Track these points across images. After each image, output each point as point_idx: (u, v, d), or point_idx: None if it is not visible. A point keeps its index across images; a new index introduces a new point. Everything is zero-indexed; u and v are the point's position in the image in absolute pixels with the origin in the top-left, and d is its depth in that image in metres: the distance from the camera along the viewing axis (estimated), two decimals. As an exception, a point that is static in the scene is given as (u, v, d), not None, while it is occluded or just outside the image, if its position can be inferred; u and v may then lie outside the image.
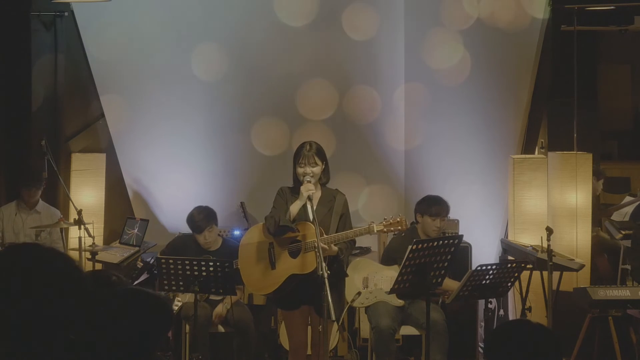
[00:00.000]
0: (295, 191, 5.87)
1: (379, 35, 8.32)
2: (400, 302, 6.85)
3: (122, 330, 2.61)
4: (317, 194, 5.84)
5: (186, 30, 8.32)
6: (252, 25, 8.31)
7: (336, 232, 5.78)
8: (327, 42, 8.31)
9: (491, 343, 2.91)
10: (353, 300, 6.85)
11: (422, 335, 6.81)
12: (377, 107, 8.37)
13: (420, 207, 6.97)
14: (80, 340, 2.40)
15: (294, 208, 5.76)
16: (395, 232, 6.27)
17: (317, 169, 5.78)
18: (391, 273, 6.88)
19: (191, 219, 7.20)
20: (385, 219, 5.96)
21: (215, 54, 8.33)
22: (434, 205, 6.88)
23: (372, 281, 7.00)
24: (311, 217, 5.65)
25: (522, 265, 6.58)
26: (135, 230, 7.60)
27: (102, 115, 8.43)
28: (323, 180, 5.86)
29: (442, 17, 8.22)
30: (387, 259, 7.04)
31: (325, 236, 5.68)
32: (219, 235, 7.35)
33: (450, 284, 6.66)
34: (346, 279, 6.18)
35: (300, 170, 5.77)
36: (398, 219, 5.86)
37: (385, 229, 5.88)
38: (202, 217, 7.16)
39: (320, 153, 5.82)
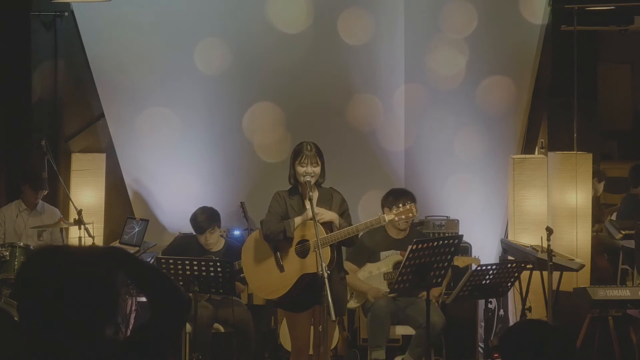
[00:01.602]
0: (293, 192, 5.85)
1: (379, 38, 8.31)
2: (393, 295, 6.89)
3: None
4: (315, 194, 5.83)
5: (187, 31, 8.32)
6: (252, 27, 8.31)
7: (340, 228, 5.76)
8: (327, 45, 8.31)
9: (507, 343, 2.87)
10: (347, 302, 6.86)
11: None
12: (377, 108, 8.37)
13: (387, 202, 6.83)
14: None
15: (299, 221, 5.75)
16: (407, 220, 6.26)
17: (318, 169, 5.77)
18: (382, 268, 6.94)
19: (194, 219, 7.19)
20: (395, 207, 5.96)
21: (216, 54, 8.33)
22: (401, 198, 6.78)
23: (363, 280, 7.04)
24: (312, 217, 5.64)
25: (522, 265, 6.58)
26: (135, 230, 7.60)
27: (102, 115, 8.43)
28: (320, 180, 5.85)
29: (441, 18, 8.22)
30: (357, 256, 7.03)
31: (331, 233, 5.67)
32: (221, 236, 7.34)
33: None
34: None
35: (301, 169, 5.75)
36: (408, 206, 5.84)
37: (396, 218, 5.86)
38: (204, 218, 7.15)
39: (320, 153, 5.81)
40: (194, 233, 7.25)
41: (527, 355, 2.79)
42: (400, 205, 5.92)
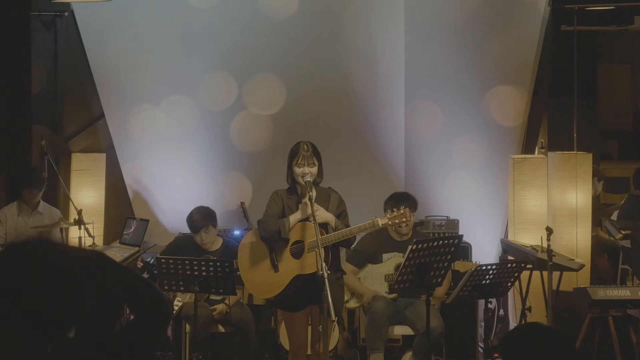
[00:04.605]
0: (291, 192, 5.84)
1: (379, 38, 8.31)
2: (393, 295, 6.89)
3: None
4: (312, 194, 5.81)
5: (187, 30, 8.32)
6: (251, 25, 8.32)
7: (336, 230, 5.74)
8: (328, 46, 8.31)
9: (507, 347, 2.86)
10: (347, 302, 6.86)
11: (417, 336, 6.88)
12: (377, 106, 8.37)
13: (389, 205, 6.85)
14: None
15: (294, 219, 5.75)
16: (401, 225, 6.26)
17: (315, 170, 5.75)
18: (384, 269, 6.93)
19: (190, 219, 7.20)
20: (388, 211, 5.95)
21: (216, 54, 8.33)
22: (403, 201, 6.78)
23: (364, 280, 7.04)
24: (311, 217, 5.63)
25: (522, 265, 6.58)
26: (135, 230, 7.59)
27: (102, 115, 8.43)
28: (317, 180, 5.83)
29: (441, 15, 8.22)
30: (357, 258, 7.04)
31: (326, 235, 5.66)
32: (218, 235, 7.34)
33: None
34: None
35: (298, 170, 5.74)
36: (402, 211, 5.84)
37: (390, 222, 5.84)
38: (199, 217, 7.15)
39: (316, 153, 5.79)
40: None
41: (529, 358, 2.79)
42: (395, 210, 5.89)
